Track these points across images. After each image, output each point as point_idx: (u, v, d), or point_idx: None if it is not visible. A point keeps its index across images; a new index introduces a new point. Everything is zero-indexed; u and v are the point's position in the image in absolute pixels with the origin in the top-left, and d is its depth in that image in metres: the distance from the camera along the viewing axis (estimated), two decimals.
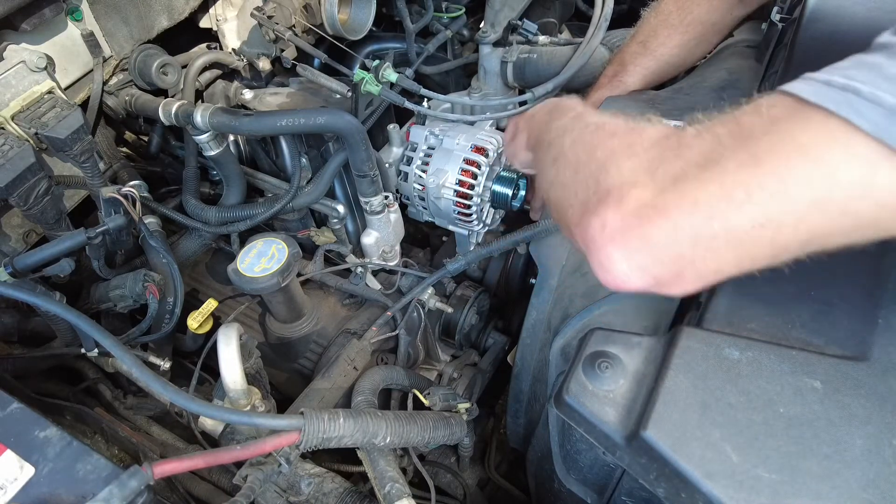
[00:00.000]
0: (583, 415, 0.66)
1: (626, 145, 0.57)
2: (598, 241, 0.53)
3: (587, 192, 0.57)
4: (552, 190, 0.65)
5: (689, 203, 0.49)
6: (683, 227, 0.49)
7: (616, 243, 0.52)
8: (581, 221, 0.56)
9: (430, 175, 1.25)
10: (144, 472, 0.63)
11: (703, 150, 0.50)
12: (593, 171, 0.57)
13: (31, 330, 1.24)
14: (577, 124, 0.67)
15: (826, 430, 0.57)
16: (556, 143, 0.68)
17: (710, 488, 0.55)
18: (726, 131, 0.50)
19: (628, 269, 0.52)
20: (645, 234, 0.50)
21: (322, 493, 0.89)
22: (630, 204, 0.52)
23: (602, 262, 0.54)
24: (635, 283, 0.53)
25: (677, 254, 0.50)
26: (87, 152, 1.04)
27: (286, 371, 1.24)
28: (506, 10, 1.36)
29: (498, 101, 1.39)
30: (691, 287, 0.53)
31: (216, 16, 1.41)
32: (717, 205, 0.48)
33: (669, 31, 1.10)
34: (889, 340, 0.62)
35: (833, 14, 0.75)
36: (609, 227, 0.52)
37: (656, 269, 0.51)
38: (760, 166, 0.46)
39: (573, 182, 0.60)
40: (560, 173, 0.63)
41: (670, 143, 0.54)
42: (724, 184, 0.48)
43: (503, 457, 1.36)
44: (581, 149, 0.62)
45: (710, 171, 0.49)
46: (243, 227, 1.23)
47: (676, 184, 0.50)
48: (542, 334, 0.93)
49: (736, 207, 0.47)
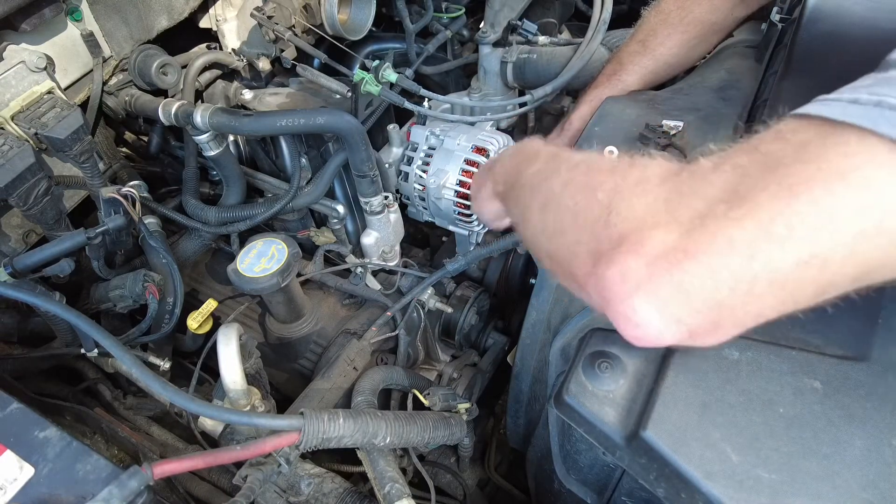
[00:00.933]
0: (583, 415, 0.66)
1: (633, 183, 0.52)
2: (619, 293, 0.48)
3: (595, 238, 0.51)
4: (543, 238, 0.60)
5: (724, 243, 0.44)
6: (720, 271, 0.44)
7: (643, 294, 0.46)
8: (595, 271, 0.50)
9: (430, 175, 1.25)
10: (144, 473, 0.63)
11: (728, 185, 0.46)
12: (599, 215, 0.52)
13: (30, 330, 1.24)
14: (560, 165, 0.62)
15: (826, 431, 0.57)
16: (540, 187, 0.63)
17: (709, 488, 0.55)
18: (750, 161, 0.46)
19: (660, 323, 0.46)
20: (676, 280, 0.45)
21: (322, 494, 0.89)
22: (654, 248, 0.46)
23: (628, 317, 0.47)
24: (668, 338, 0.47)
25: (715, 301, 0.45)
26: (87, 152, 1.04)
27: (286, 371, 1.24)
28: (505, 10, 1.36)
29: (498, 102, 1.39)
30: (727, 336, 0.48)
31: (216, 16, 1.41)
32: (755, 243, 0.43)
33: (669, 31, 1.09)
34: (889, 340, 0.62)
35: (833, 14, 0.75)
36: (633, 277, 0.47)
37: (692, 319, 0.46)
38: (798, 197, 0.42)
39: (573, 228, 0.54)
40: (553, 220, 0.58)
41: (684, 178, 0.49)
42: (761, 220, 0.43)
43: (503, 457, 1.36)
44: (577, 191, 0.56)
45: (741, 208, 0.44)
46: (243, 228, 1.23)
47: (705, 223, 0.45)
48: (542, 334, 0.93)
49: (777, 245, 0.43)
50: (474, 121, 1.29)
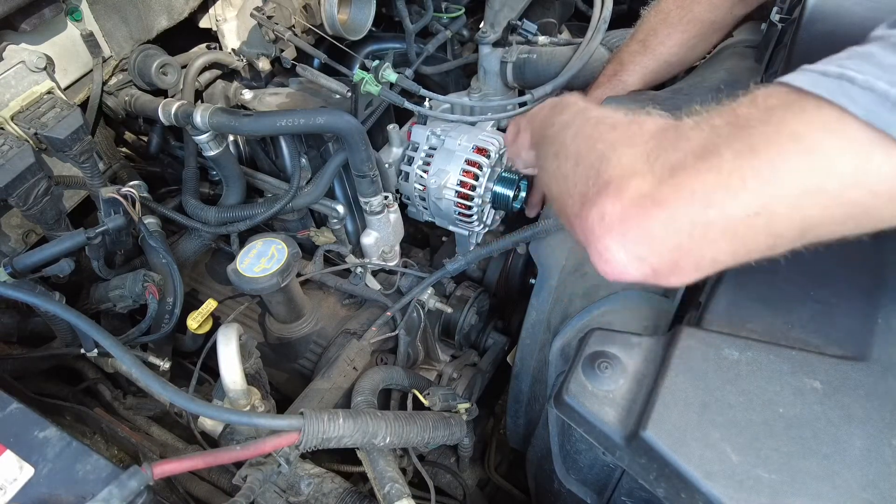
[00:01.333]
0: (582, 415, 0.66)
1: (627, 137, 0.57)
2: (596, 232, 0.54)
3: (587, 184, 0.57)
4: (553, 183, 0.65)
5: (687, 193, 0.49)
6: (680, 217, 0.49)
7: (614, 234, 0.52)
8: (581, 212, 0.56)
9: (431, 175, 1.25)
10: (144, 473, 0.63)
11: (701, 141, 0.51)
12: (593, 162, 0.57)
13: (30, 330, 1.24)
14: (578, 118, 0.67)
15: (825, 431, 0.57)
16: (557, 137, 0.68)
17: (709, 488, 0.55)
18: (723, 122, 0.51)
19: (626, 260, 0.52)
20: (643, 224, 0.51)
21: (322, 494, 0.89)
22: (629, 194, 0.52)
23: (600, 253, 0.54)
24: (633, 274, 0.53)
25: (675, 244, 0.50)
26: (87, 152, 1.04)
27: (286, 371, 1.24)
28: (505, 10, 1.35)
29: (497, 102, 1.39)
30: (688, 278, 0.53)
31: (216, 16, 1.41)
32: (713, 194, 0.48)
33: (669, 30, 1.10)
34: (888, 340, 0.62)
35: (832, 14, 0.75)
36: (608, 218, 0.53)
37: (654, 259, 0.52)
38: (756, 155, 0.47)
39: (573, 174, 0.60)
40: (561, 166, 0.63)
41: (669, 135, 0.54)
42: (721, 173, 0.48)
43: (503, 457, 1.36)
44: (582, 141, 0.62)
45: (707, 161, 0.49)
46: (243, 228, 1.23)
47: (674, 174, 0.50)
48: (542, 334, 0.93)
49: (731, 196, 0.47)
50: (474, 121, 1.29)
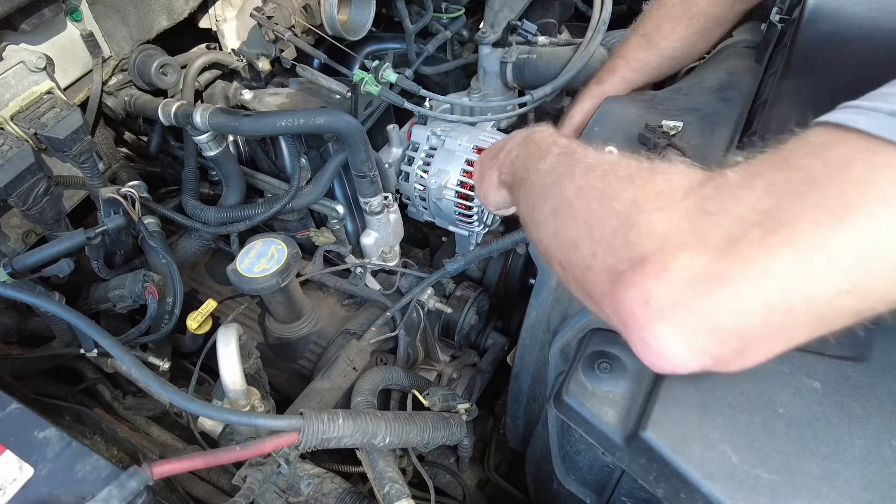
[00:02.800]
0: (582, 415, 0.66)
1: (653, 195, 0.48)
2: (640, 319, 0.45)
3: (613, 255, 0.48)
4: (556, 247, 0.57)
5: (758, 272, 0.41)
6: (752, 301, 0.41)
7: (666, 321, 0.43)
8: (614, 292, 0.47)
9: (431, 176, 1.25)
10: (143, 473, 0.63)
11: (760, 205, 0.43)
12: (616, 229, 0.48)
13: (30, 330, 1.24)
14: (575, 166, 0.58)
15: (825, 431, 0.57)
16: (552, 189, 0.59)
17: (709, 489, 0.55)
18: (783, 178, 0.43)
19: (684, 352, 0.44)
20: (703, 308, 0.42)
21: (321, 494, 0.88)
22: (680, 272, 0.43)
23: (648, 343, 0.45)
24: (690, 366, 0.45)
25: (744, 331, 0.42)
26: (87, 152, 1.04)
27: (285, 371, 1.23)
28: (505, 10, 1.36)
29: (497, 103, 1.39)
30: (753, 363, 0.45)
31: (216, 16, 1.41)
32: (792, 274, 0.40)
33: (673, 24, 1.08)
34: (888, 341, 0.62)
35: (832, 15, 0.75)
36: (655, 303, 0.44)
37: (718, 348, 0.43)
38: (840, 223, 0.39)
39: (589, 240, 0.51)
40: (566, 228, 0.55)
41: (710, 193, 0.46)
42: (798, 248, 0.40)
43: (502, 457, 1.36)
44: (592, 199, 0.53)
45: (776, 234, 0.41)
46: (243, 228, 1.23)
47: (737, 247, 0.42)
48: (542, 335, 0.93)
49: (817, 276, 0.40)
50: (474, 121, 1.29)
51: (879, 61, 0.73)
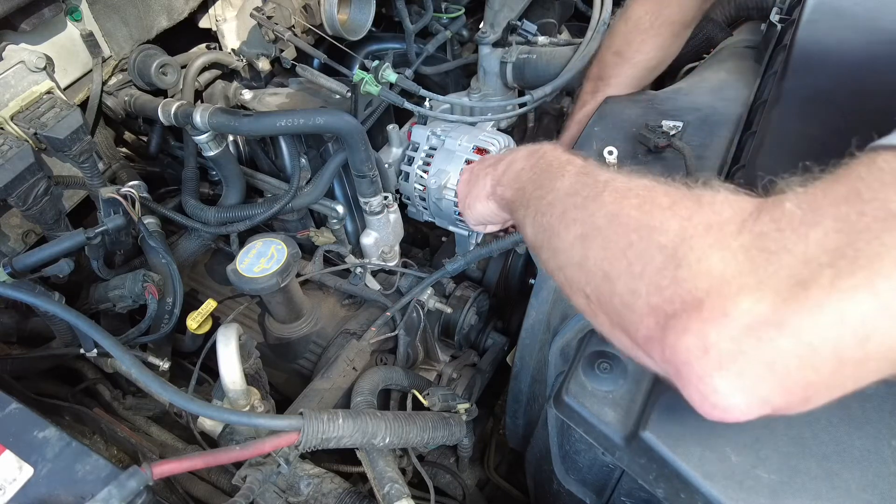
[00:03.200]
0: (582, 415, 0.66)
1: (703, 228, 0.44)
2: (698, 369, 0.41)
3: (659, 295, 0.44)
4: (583, 277, 0.52)
5: (831, 318, 0.37)
6: (822, 349, 0.38)
7: (727, 372, 0.40)
8: (665, 338, 0.43)
9: (431, 176, 1.25)
10: (143, 473, 0.63)
11: (829, 242, 0.39)
12: (663, 266, 0.44)
13: (30, 330, 1.24)
14: (601, 190, 0.54)
15: (825, 431, 0.57)
16: (575, 214, 0.54)
17: (709, 489, 0.55)
18: (853, 213, 0.39)
19: (746, 402, 0.40)
20: (768, 359, 0.39)
21: (321, 494, 0.88)
22: (741, 319, 0.39)
23: (706, 395, 0.41)
24: (751, 416, 0.41)
25: (812, 381, 0.39)
26: (87, 152, 1.04)
27: (285, 371, 1.23)
28: (505, 10, 1.36)
29: (497, 103, 1.39)
30: (815, 406, 0.42)
31: (215, 16, 1.41)
32: (871, 320, 0.37)
33: (643, 36, 1.08)
34: None
35: (832, 15, 0.75)
36: (714, 351, 0.40)
37: (780, 399, 0.40)
38: None
39: (628, 276, 0.46)
40: (597, 259, 0.50)
41: (768, 227, 0.42)
42: (879, 293, 0.36)
43: (502, 457, 1.36)
44: (630, 230, 0.48)
45: (853, 276, 0.37)
46: (242, 228, 1.23)
47: (806, 291, 0.38)
48: (542, 335, 0.93)
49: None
50: (474, 121, 1.29)
51: (879, 61, 0.73)
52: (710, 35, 1.27)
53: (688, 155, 0.88)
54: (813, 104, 0.79)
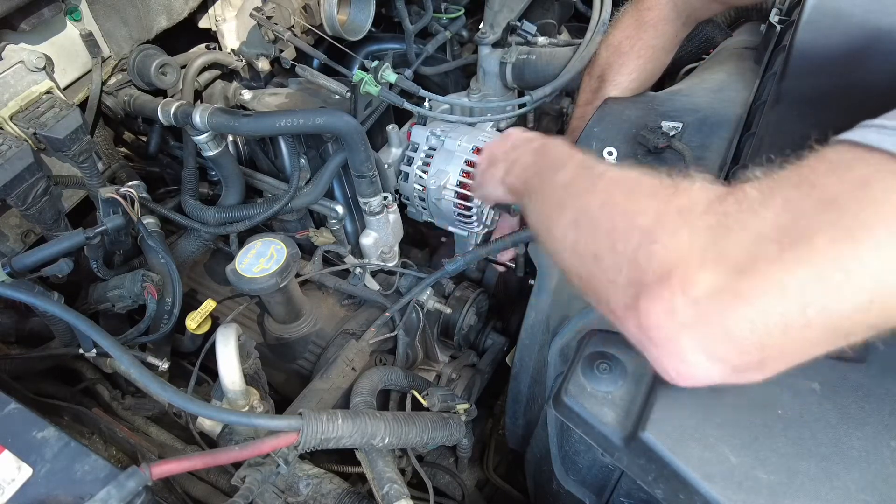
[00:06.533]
0: (581, 416, 0.66)
1: (675, 211, 0.50)
2: (665, 330, 0.47)
3: (636, 269, 0.49)
4: (575, 259, 0.57)
5: (777, 288, 0.43)
6: (772, 315, 0.43)
7: (691, 333, 0.45)
8: (638, 305, 0.48)
9: (431, 176, 1.25)
10: (142, 473, 0.63)
11: (779, 222, 0.44)
12: (640, 243, 0.49)
13: (29, 330, 1.24)
14: (596, 181, 0.59)
15: (824, 432, 0.57)
16: (571, 202, 0.60)
17: (708, 489, 0.55)
18: (802, 196, 0.44)
19: (707, 361, 0.46)
20: (725, 322, 0.44)
21: (320, 494, 0.88)
22: (702, 287, 0.45)
23: (672, 353, 0.47)
24: (711, 376, 0.47)
25: (763, 342, 0.44)
26: (86, 152, 1.04)
27: (285, 372, 1.23)
28: (505, 11, 1.36)
29: (497, 103, 1.39)
30: (772, 374, 0.47)
31: (215, 16, 1.41)
32: (811, 290, 0.42)
33: (623, 59, 1.11)
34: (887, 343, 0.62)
35: (831, 16, 0.75)
36: (679, 316, 0.45)
37: (738, 359, 0.45)
38: (858, 242, 0.40)
39: (612, 254, 0.52)
40: (588, 241, 0.55)
41: (731, 209, 0.47)
42: (817, 265, 0.42)
43: (502, 458, 1.36)
44: (616, 214, 0.54)
45: (795, 250, 0.42)
46: (242, 228, 1.23)
47: (756, 264, 0.44)
48: (541, 335, 0.93)
49: (835, 292, 0.41)
50: (474, 121, 1.29)
51: (879, 62, 0.73)
52: (710, 36, 1.27)
53: (687, 156, 0.88)
54: (812, 105, 0.79)
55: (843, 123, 0.47)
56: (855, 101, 0.73)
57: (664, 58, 1.13)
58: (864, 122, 0.46)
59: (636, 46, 1.09)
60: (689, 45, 1.24)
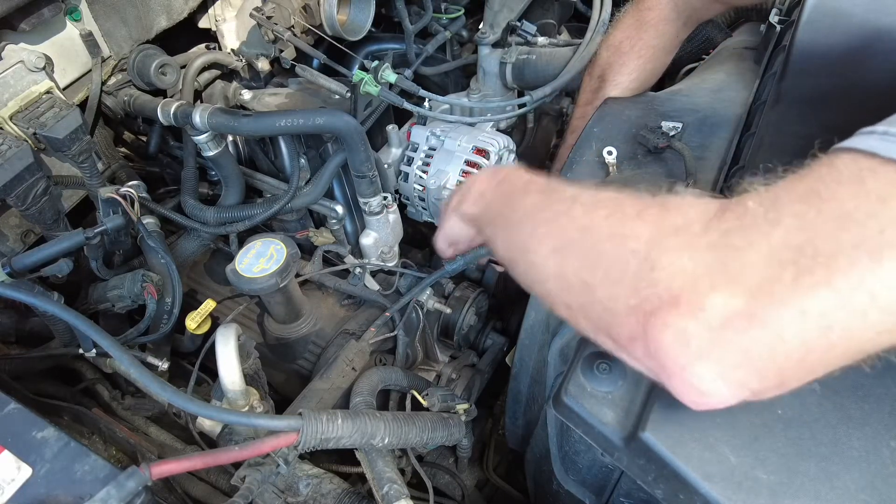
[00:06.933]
0: (581, 416, 0.66)
1: (671, 231, 0.47)
2: (680, 359, 0.44)
3: (636, 296, 0.46)
4: (561, 289, 0.54)
5: (795, 313, 0.41)
6: (791, 340, 0.41)
7: (707, 360, 0.43)
8: (647, 334, 0.45)
9: (431, 176, 1.25)
10: (142, 473, 0.63)
11: (791, 241, 0.42)
12: (638, 269, 0.47)
13: (28, 330, 1.23)
14: (572, 205, 0.56)
15: (824, 432, 0.57)
16: (547, 228, 0.57)
17: (708, 489, 0.55)
18: (811, 211, 0.42)
19: (725, 388, 0.44)
20: (743, 347, 0.42)
21: (320, 494, 0.88)
22: (716, 312, 0.43)
23: (688, 381, 0.45)
24: (731, 401, 0.45)
25: (783, 367, 0.43)
26: (86, 152, 1.04)
27: (284, 372, 1.23)
28: (505, 11, 1.36)
29: (497, 103, 1.39)
30: (787, 391, 0.46)
31: (215, 16, 1.41)
32: (833, 315, 0.40)
33: (623, 60, 1.11)
34: None
35: (831, 16, 0.75)
36: (694, 342, 0.43)
37: (758, 383, 0.44)
38: (881, 263, 0.38)
39: (605, 283, 0.49)
40: (575, 269, 0.52)
41: (729, 224, 0.45)
42: (838, 289, 0.39)
43: (501, 458, 1.36)
44: (602, 239, 0.51)
45: (814, 273, 0.40)
46: (242, 228, 1.23)
47: (772, 287, 0.41)
48: (541, 335, 0.93)
49: (858, 316, 0.40)
50: (474, 122, 1.29)
51: (879, 62, 0.73)
52: (710, 36, 1.27)
53: (687, 156, 0.88)
54: (812, 105, 0.79)
55: (844, 123, 0.47)
56: (855, 100, 0.73)
57: (665, 58, 1.14)
58: (865, 129, 0.44)
59: (636, 46, 1.10)
60: (689, 45, 1.24)
